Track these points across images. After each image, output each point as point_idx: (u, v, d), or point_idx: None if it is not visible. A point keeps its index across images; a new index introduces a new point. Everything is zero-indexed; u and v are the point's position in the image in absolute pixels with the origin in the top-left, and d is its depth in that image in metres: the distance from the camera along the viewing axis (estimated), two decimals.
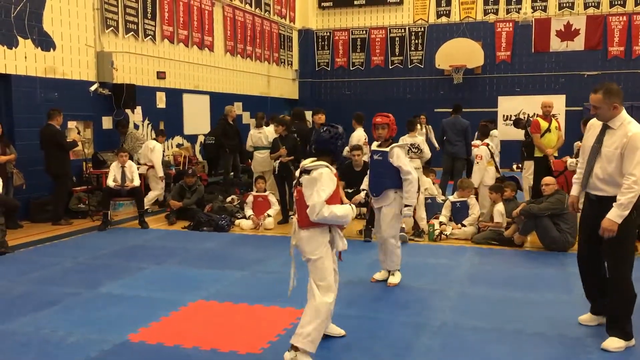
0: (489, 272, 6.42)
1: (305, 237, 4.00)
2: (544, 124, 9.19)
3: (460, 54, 17.42)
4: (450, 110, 11.63)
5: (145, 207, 9.45)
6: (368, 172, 6.11)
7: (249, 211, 9.18)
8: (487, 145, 9.44)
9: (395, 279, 5.91)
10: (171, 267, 6.68)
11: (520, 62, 17.76)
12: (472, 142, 10.11)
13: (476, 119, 14.09)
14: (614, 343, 4.20)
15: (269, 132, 10.52)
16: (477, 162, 9.34)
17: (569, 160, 8.42)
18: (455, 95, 17.15)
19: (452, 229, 8.13)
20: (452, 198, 8.53)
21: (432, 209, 8.91)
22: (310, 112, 10.57)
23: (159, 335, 4.51)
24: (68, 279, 6.21)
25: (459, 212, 8.35)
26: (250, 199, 9.30)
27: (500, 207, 7.88)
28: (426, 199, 8.91)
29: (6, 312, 5.05)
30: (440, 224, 8.22)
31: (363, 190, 6.23)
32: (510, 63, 17.83)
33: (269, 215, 8.99)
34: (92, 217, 9.29)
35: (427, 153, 9.83)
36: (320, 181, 3.83)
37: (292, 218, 4.47)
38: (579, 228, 4.67)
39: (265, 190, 9.36)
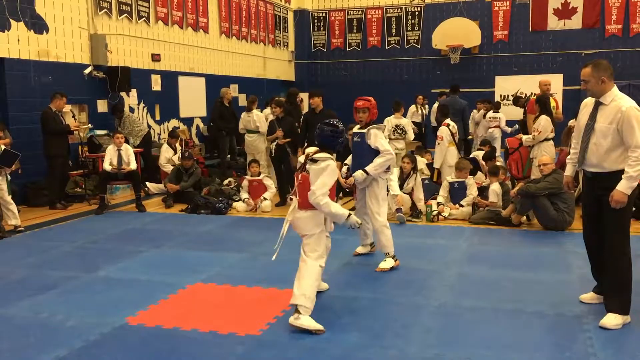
0: (487, 252, 6.43)
1: (304, 217, 4.36)
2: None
3: (457, 34, 17.30)
4: (448, 90, 11.59)
5: None
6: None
7: (244, 194, 9.15)
8: (448, 125, 9.42)
9: (385, 264, 5.72)
10: (169, 250, 6.67)
11: (517, 41, 17.66)
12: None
13: (474, 99, 14.07)
14: (611, 320, 4.22)
15: (257, 116, 10.55)
16: (439, 143, 9.32)
17: (524, 137, 8.55)
18: (453, 76, 17.07)
19: (450, 210, 8.14)
20: (449, 178, 8.53)
21: (430, 189, 8.89)
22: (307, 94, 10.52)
23: (158, 318, 4.51)
24: (66, 262, 6.20)
25: (457, 193, 8.34)
26: (245, 183, 9.27)
27: (495, 187, 7.87)
28: (423, 179, 8.90)
29: (4, 297, 5.04)
30: (438, 204, 8.21)
31: (346, 165, 6.29)
32: (508, 42, 17.72)
33: (265, 199, 8.97)
34: (89, 201, 9.27)
35: (411, 134, 9.98)
36: (326, 172, 4.24)
37: (290, 199, 4.57)
38: (582, 207, 4.69)
39: (259, 174, 9.33)
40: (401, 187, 8.17)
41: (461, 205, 8.15)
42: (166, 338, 4.17)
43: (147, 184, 10.38)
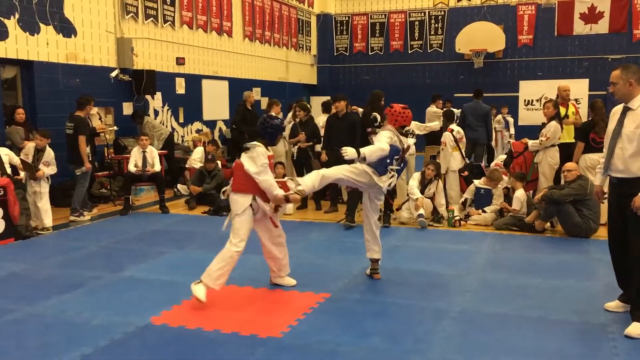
0: (510, 258, 6.38)
1: (234, 198, 5.00)
2: (560, 110, 9.03)
3: (481, 38, 17.19)
4: (470, 95, 11.53)
5: None
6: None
7: None
8: (452, 131, 9.31)
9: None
10: (192, 251, 6.73)
11: (542, 45, 17.48)
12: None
13: (497, 104, 13.98)
14: (637, 329, 4.16)
15: None
16: (442, 149, 9.26)
17: (530, 142, 8.43)
18: (476, 80, 16.96)
19: (472, 215, 8.09)
20: (477, 183, 8.45)
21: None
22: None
23: (181, 319, 4.56)
24: (92, 262, 6.30)
25: (482, 199, 8.27)
26: None
27: (519, 193, 7.80)
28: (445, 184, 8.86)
29: (32, 295, 5.14)
30: (463, 203, 8.18)
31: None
32: (532, 47, 17.55)
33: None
34: (114, 202, 9.41)
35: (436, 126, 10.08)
36: (254, 154, 4.90)
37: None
38: (608, 214, 4.64)
39: (284, 176, 9.36)
40: (422, 192, 8.15)
41: (484, 212, 8.09)
42: (189, 338, 4.22)
43: (178, 185, 10.50)
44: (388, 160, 5.27)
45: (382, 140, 5.29)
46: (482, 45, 17.21)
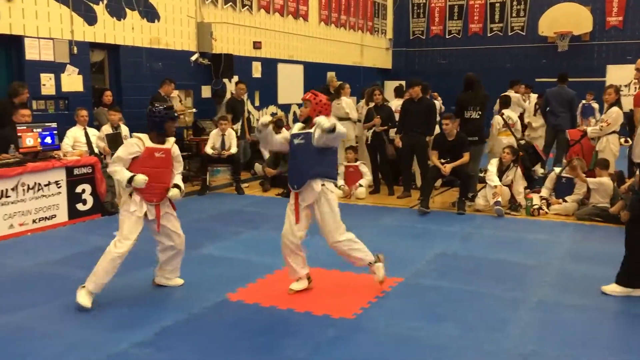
0: (592, 249, 6.11)
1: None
2: None
3: (566, 20, 16.40)
4: (552, 79, 11.07)
5: None
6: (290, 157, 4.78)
7: (340, 181, 9.23)
8: (502, 115, 9.44)
9: (381, 271, 4.78)
10: (266, 232, 6.87)
11: (633, 28, 16.46)
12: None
13: (582, 89, 13.33)
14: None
15: (347, 103, 10.55)
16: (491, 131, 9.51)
17: (589, 129, 8.21)
18: (560, 64, 16.20)
19: (553, 205, 7.79)
20: (558, 171, 8.12)
21: (531, 182, 8.55)
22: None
23: (256, 296, 4.68)
24: None
25: (563, 187, 7.94)
26: (341, 169, 9.35)
27: (605, 180, 7.42)
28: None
29: (120, 268, 5.40)
30: (541, 198, 7.88)
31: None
32: (622, 29, 16.55)
33: (360, 185, 9.01)
34: (192, 182, 9.73)
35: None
36: (125, 145, 4.66)
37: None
38: None
39: (356, 160, 9.37)
40: (500, 179, 7.91)
41: (565, 201, 7.77)
42: (264, 315, 4.33)
43: (255, 164, 10.73)
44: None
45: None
46: (567, 27, 16.42)
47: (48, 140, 7.16)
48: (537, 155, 9.32)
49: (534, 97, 12.24)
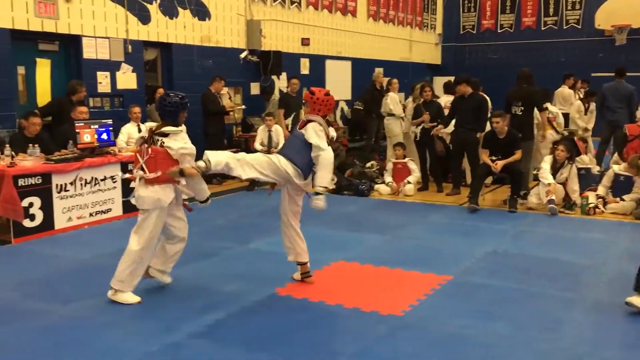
0: None
1: (148, 191, 4.38)
2: None
3: (625, 12, 15.78)
4: (609, 74, 10.69)
5: None
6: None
7: (388, 178, 9.19)
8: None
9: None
10: (313, 228, 6.84)
11: None
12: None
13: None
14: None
15: (391, 99, 10.49)
16: None
17: None
18: (617, 58, 15.59)
19: (609, 203, 7.53)
20: (617, 169, 7.84)
21: (586, 180, 8.29)
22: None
23: (304, 291, 4.72)
24: (222, 234, 6.68)
25: (621, 186, 7.66)
26: (389, 165, 9.31)
27: None
28: (579, 169, 8.30)
29: None
30: (597, 197, 7.63)
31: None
32: None
33: (408, 182, 8.94)
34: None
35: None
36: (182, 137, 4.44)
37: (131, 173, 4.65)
38: None
39: (404, 157, 9.30)
40: (554, 176, 7.70)
41: (622, 200, 7.50)
42: (313, 310, 4.36)
43: None
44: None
45: (319, 139, 4.56)
46: (625, 20, 15.81)
47: (104, 136, 7.39)
48: (576, 148, 8.93)
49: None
